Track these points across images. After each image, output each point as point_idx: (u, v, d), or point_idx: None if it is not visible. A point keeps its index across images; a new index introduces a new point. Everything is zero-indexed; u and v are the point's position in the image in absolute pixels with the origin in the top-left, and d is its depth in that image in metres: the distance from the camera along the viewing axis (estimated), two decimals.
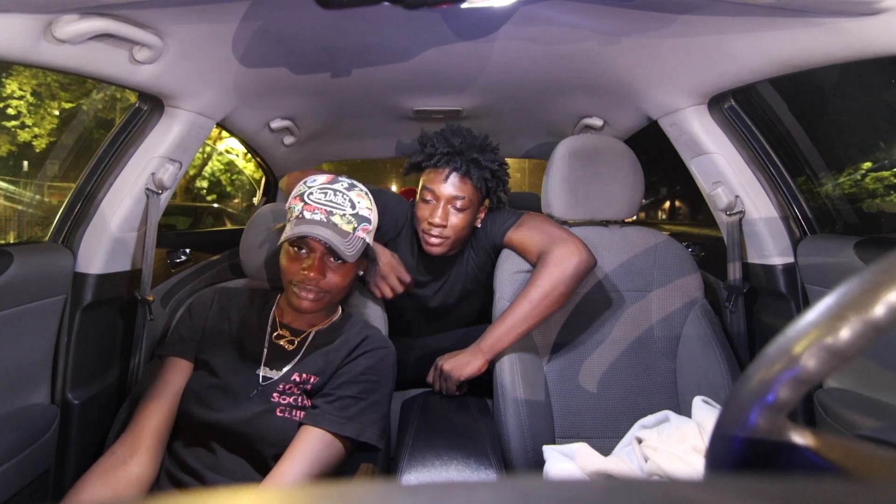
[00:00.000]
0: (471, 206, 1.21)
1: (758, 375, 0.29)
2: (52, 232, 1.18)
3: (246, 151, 2.16)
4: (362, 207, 0.93)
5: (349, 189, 0.93)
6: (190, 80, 1.11)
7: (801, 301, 1.18)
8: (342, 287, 0.93)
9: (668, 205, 4.01)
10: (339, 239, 0.87)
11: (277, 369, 0.93)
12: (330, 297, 0.93)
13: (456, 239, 1.22)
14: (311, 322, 0.99)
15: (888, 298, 0.25)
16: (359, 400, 0.88)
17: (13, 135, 3.73)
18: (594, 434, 1.14)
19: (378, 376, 0.93)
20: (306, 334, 0.98)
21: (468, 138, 1.20)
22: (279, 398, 0.89)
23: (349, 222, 0.90)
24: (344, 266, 0.91)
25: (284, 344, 0.96)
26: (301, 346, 0.96)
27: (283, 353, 0.95)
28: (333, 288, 0.92)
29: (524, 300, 1.14)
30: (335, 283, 0.91)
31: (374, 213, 0.96)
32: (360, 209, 0.92)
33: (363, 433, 0.86)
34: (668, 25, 0.97)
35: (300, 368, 0.93)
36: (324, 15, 0.89)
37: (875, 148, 1.60)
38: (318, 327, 0.99)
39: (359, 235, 0.91)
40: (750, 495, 0.16)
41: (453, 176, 1.18)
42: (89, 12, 0.82)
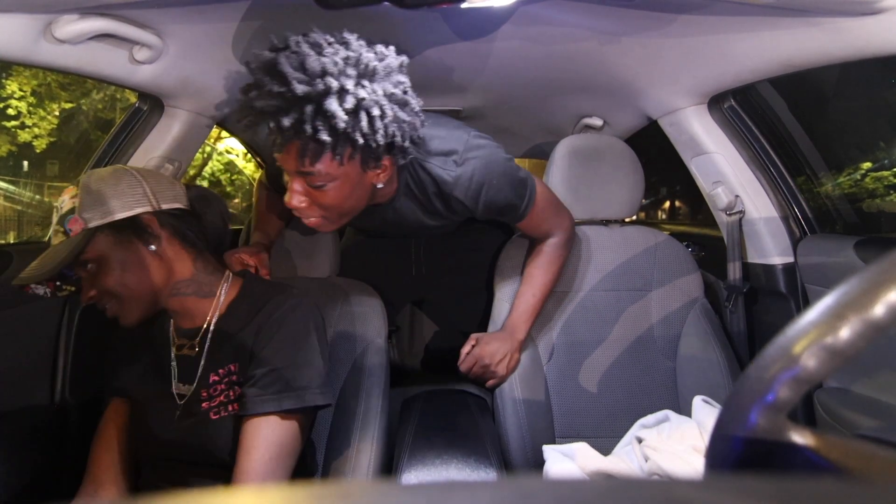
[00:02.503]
0: (338, 179, 0.82)
1: (758, 375, 0.29)
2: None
3: (246, 151, 2.16)
4: (64, 203, 0.77)
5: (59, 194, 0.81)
6: (190, 80, 1.11)
7: (801, 301, 1.18)
8: (116, 285, 0.78)
9: (668, 205, 4.02)
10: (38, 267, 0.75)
11: (190, 381, 0.84)
12: (123, 301, 0.80)
13: (336, 214, 0.89)
14: (201, 314, 0.86)
15: (888, 298, 0.25)
16: (284, 368, 0.79)
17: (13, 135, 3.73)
18: (594, 434, 1.14)
19: (294, 333, 0.82)
20: (203, 329, 0.86)
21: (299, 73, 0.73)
22: (207, 404, 0.82)
23: (56, 234, 0.78)
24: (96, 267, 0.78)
25: (187, 352, 0.86)
26: (203, 344, 0.85)
27: (190, 361, 0.85)
28: (109, 292, 0.79)
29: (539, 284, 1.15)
30: (105, 287, 0.78)
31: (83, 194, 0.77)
32: (62, 208, 0.77)
33: (303, 398, 0.78)
34: (668, 25, 0.97)
35: (214, 366, 0.83)
36: (324, 15, 0.89)
37: (875, 148, 1.60)
38: (213, 315, 0.86)
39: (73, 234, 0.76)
40: (750, 495, 0.16)
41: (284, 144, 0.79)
42: (89, 12, 0.82)
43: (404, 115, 0.81)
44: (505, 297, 1.21)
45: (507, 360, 1.12)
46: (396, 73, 0.82)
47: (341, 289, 1.16)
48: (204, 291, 0.86)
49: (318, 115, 0.73)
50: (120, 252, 0.78)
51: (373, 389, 1.01)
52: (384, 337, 1.11)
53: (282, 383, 0.78)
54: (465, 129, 1.01)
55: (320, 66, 0.73)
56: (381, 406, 1.00)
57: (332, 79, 0.73)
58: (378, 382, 1.03)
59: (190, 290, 0.84)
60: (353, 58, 0.76)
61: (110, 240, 0.78)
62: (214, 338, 0.85)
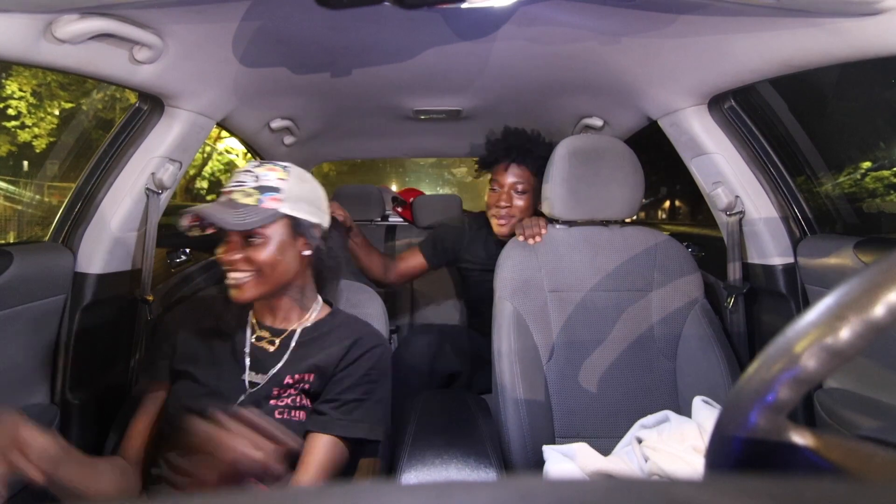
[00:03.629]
0: (530, 190, 1.47)
1: (758, 375, 0.29)
2: (52, 232, 1.18)
3: (246, 151, 2.16)
4: (270, 179, 0.88)
5: (258, 166, 0.90)
6: (190, 80, 1.11)
7: (801, 301, 1.18)
8: (268, 262, 0.87)
9: (668, 205, 4.02)
10: (227, 212, 0.83)
11: (263, 372, 0.91)
12: (260, 277, 0.87)
13: (520, 216, 1.46)
14: (288, 319, 0.96)
15: (888, 298, 0.25)
16: (364, 401, 0.89)
17: (13, 135, 3.73)
18: (594, 434, 1.14)
19: (378, 375, 0.92)
20: (289, 333, 0.95)
21: (521, 135, 1.50)
22: (275, 402, 0.88)
23: (249, 195, 0.86)
24: (263, 241, 0.87)
25: (265, 345, 0.94)
26: (285, 345, 0.94)
27: (267, 355, 0.93)
28: (256, 265, 0.86)
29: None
30: (257, 259, 0.86)
31: (290, 182, 0.89)
32: (266, 181, 0.88)
33: (371, 432, 0.88)
34: (668, 25, 0.97)
35: (291, 369, 0.90)
36: (324, 15, 0.89)
37: (875, 148, 1.60)
38: (300, 324, 0.96)
39: (265, 206, 0.86)
40: (750, 495, 0.16)
41: (512, 166, 1.47)
42: (89, 12, 0.82)
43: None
44: (505, 295, 1.21)
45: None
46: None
47: (342, 289, 1.16)
48: (302, 302, 0.97)
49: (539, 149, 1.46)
50: (286, 240, 0.89)
51: None
52: (385, 337, 1.11)
53: (358, 413, 0.88)
54: None
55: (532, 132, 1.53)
56: None
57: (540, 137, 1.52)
58: None
59: (296, 295, 0.95)
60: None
61: (287, 228, 0.89)
62: (299, 343, 0.93)
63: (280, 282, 0.90)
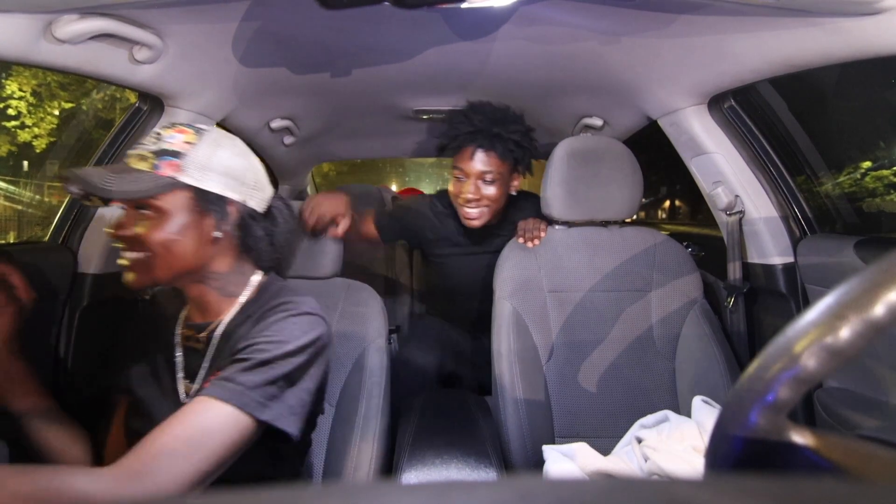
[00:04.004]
0: (500, 178, 1.31)
1: (758, 375, 0.29)
2: (52, 232, 1.18)
3: None
4: (174, 141, 0.72)
5: (168, 127, 0.75)
6: (190, 80, 1.11)
7: (801, 301, 1.18)
8: (160, 242, 0.71)
9: (668, 204, 4.02)
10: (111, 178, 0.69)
11: (192, 378, 0.79)
12: (154, 260, 0.72)
13: (492, 209, 1.34)
14: (216, 311, 0.81)
15: (888, 298, 0.25)
16: (240, 361, 0.69)
17: (13, 135, 3.73)
18: (594, 434, 1.14)
19: (274, 336, 0.71)
20: (214, 325, 0.80)
21: (489, 114, 1.28)
22: None
23: (144, 158, 0.71)
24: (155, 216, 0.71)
25: (194, 345, 0.81)
26: (209, 341, 0.79)
27: (196, 357, 0.80)
28: (146, 245, 0.71)
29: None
30: (146, 237, 0.71)
31: (199, 147, 0.73)
32: (167, 143, 0.72)
33: (239, 396, 0.66)
34: (668, 25, 0.97)
35: (216, 368, 0.75)
36: (324, 15, 0.89)
37: (875, 147, 1.60)
38: (226, 315, 0.81)
39: (160, 173, 0.70)
40: (750, 495, 0.16)
41: (479, 152, 1.28)
42: (89, 12, 0.82)
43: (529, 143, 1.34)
44: (504, 295, 1.21)
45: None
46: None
47: (343, 289, 1.16)
48: (228, 290, 0.81)
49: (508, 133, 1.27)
50: (187, 217, 0.73)
51: (374, 389, 1.01)
52: (384, 337, 1.11)
53: (232, 371, 0.68)
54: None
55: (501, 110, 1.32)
56: (382, 406, 1.00)
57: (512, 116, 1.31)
58: (379, 382, 1.03)
59: (216, 285, 0.80)
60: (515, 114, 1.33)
61: (189, 202, 0.73)
62: (225, 336, 0.79)
63: (181, 267, 0.74)
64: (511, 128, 1.28)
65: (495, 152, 1.27)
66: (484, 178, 1.30)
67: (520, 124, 1.30)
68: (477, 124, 1.27)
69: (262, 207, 0.81)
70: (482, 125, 1.26)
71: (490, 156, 1.28)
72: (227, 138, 0.78)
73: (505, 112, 1.30)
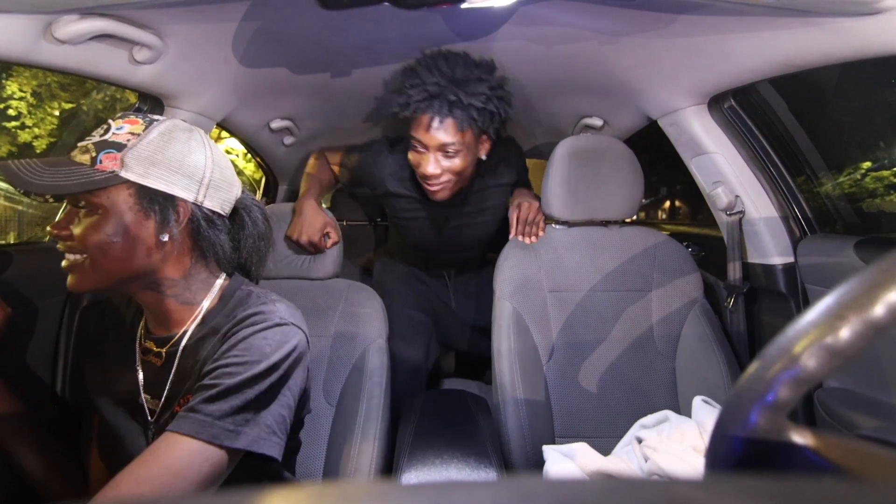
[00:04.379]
0: (465, 148, 1.14)
1: (758, 375, 0.29)
2: None
3: (246, 151, 2.16)
4: (119, 134, 0.65)
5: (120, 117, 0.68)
6: (190, 80, 1.11)
7: (801, 301, 1.18)
8: (96, 244, 0.64)
9: (668, 205, 4.02)
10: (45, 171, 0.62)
11: (157, 397, 0.72)
12: (89, 262, 0.65)
13: (457, 180, 1.20)
14: (176, 322, 0.73)
15: (888, 298, 0.25)
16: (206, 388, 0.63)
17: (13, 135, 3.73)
18: (594, 434, 1.14)
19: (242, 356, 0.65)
20: (175, 338, 0.72)
21: (446, 72, 1.06)
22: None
23: (85, 151, 0.65)
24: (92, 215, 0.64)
25: (153, 360, 0.74)
26: (172, 357, 0.72)
27: (157, 372, 0.73)
28: (83, 245, 0.65)
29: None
30: (81, 237, 0.64)
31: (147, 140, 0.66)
32: (112, 135, 0.65)
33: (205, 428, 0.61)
34: (668, 25, 0.97)
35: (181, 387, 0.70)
36: (324, 15, 0.89)
37: (875, 148, 1.60)
38: (188, 327, 0.73)
39: (101, 167, 0.64)
40: (750, 495, 0.16)
41: (436, 121, 1.09)
42: (89, 12, 0.82)
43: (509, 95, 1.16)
44: (505, 295, 1.21)
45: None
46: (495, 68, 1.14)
47: (343, 289, 1.16)
48: (186, 297, 0.73)
49: (470, 96, 1.07)
50: (129, 217, 0.65)
51: (374, 390, 1.02)
52: (385, 337, 1.11)
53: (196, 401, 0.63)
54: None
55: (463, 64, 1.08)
56: (382, 406, 1.01)
57: (472, 70, 1.08)
58: (379, 383, 1.03)
59: (171, 292, 0.72)
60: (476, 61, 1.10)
61: (130, 200, 0.65)
62: (187, 350, 0.71)
63: (122, 272, 0.67)
64: (473, 89, 1.07)
65: (455, 121, 1.08)
66: (445, 151, 1.12)
67: (485, 81, 1.09)
68: (431, 88, 1.06)
69: (223, 208, 0.73)
70: (437, 89, 1.06)
71: (450, 125, 1.09)
72: (184, 130, 0.69)
73: (468, 67, 1.08)
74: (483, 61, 1.10)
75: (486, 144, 1.21)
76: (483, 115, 1.10)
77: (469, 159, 1.17)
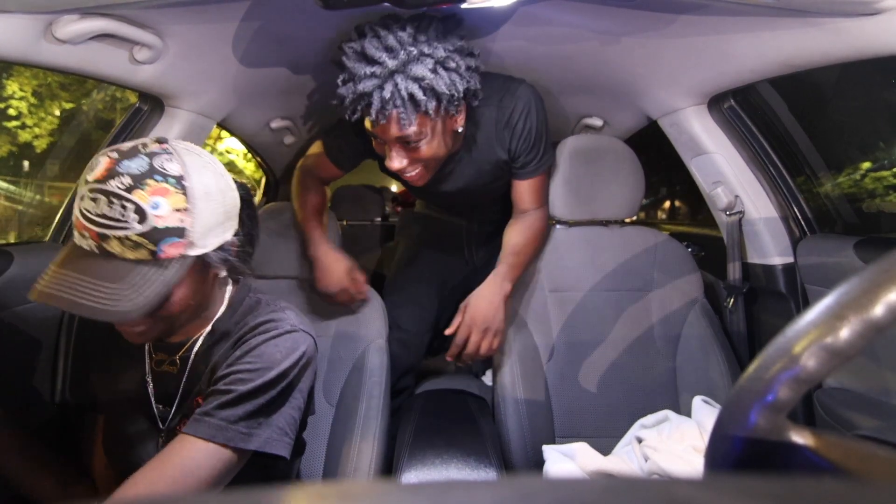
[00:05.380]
0: (427, 134, 0.96)
1: (758, 375, 0.29)
2: (52, 232, 1.18)
3: (246, 151, 2.16)
4: (163, 214, 0.57)
5: (139, 180, 0.56)
6: (190, 80, 1.11)
7: (801, 301, 1.18)
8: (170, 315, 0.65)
9: (668, 205, 4.02)
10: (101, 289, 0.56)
11: (169, 403, 0.74)
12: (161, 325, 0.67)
13: (432, 166, 1.05)
14: (188, 331, 0.74)
15: (888, 298, 0.25)
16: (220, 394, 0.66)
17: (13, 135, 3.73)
18: (594, 434, 1.14)
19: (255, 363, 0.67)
20: (186, 346, 0.74)
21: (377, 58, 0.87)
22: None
23: (136, 246, 0.57)
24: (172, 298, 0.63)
25: (168, 368, 0.74)
26: (185, 363, 0.73)
27: (170, 378, 0.74)
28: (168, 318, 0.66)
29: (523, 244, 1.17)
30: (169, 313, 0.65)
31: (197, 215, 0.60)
32: (158, 218, 0.57)
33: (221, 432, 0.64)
34: (668, 25, 0.97)
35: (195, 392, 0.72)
36: (324, 15, 0.89)
37: (875, 148, 1.60)
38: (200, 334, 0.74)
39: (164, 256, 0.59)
40: (750, 495, 0.16)
41: (382, 116, 0.90)
42: (89, 12, 0.82)
43: (472, 62, 0.96)
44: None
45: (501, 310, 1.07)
46: (453, 30, 0.94)
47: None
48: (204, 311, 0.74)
49: (410, 81, 0.88)
50: (196, 281, 0.65)
51: (374, 390, 1.02)
52: (384, 337, 1.11)
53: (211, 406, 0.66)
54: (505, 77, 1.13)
55: (398, 41, 0.88)
56: (383, 406, 1.01)
57: (412, 48, 0.88)
58: (379, 382, 1.03)
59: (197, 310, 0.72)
60: (418, 27, 0.90)
61: (196, 267, 0.64)
62: (199, 355, 0.73)
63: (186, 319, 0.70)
64: (414, 72, 0.87)
65: (401, 114, 0.90)
66: (405, 143, 0.97)
67: (427, 57, 0.88)
68: (362, 84, 0.88)
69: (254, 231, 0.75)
70: (370, 84, 0.88)
71: (397, 119, 0.91)
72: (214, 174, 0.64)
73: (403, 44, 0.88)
74: (427, 24, 0.90)
75: (458, 117, 1.01)
76: (431, 98, 0.90)
77: (437, 142, 0.99)
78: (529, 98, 1.10)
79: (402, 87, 0.88)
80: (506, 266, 1.12)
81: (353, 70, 0.90)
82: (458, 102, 0.96)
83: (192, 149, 0.65)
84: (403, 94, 0.88)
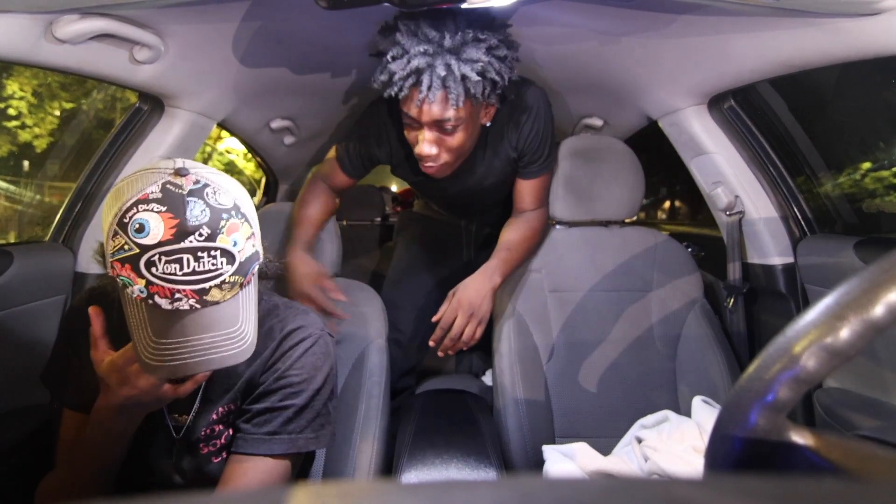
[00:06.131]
0: (462, 121, 0.98)
1: (758, 375, 0.29)
2: (53, 232, 1.18)
3: (246, 151, 2.16)
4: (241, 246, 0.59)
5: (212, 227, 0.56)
6: (190, 80, 1.11)
7: (801, 301, 1.18)
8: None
9: (668, 205, 4.02)
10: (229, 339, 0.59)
11: (185, 412, 0.74)
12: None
13: (457, 158, 1.06)
14: None
15: (888, 298, 0.25)
16: (280, 410, 0.71)
17: (13, 135, 3.73)
18: (594, 434, 1.14)
19: (301, 374, 0.73)
20: None
21: (434, 38, 0.90)
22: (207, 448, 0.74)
23: (232, 286, 0.59)
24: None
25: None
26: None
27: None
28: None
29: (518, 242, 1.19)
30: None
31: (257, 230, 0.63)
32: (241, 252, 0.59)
33: (294, 444, 0.71)
34: (668, 25, 0.97)
35: (214, 402, 0.74)
36: (324, 15, 0.89)
37: (875, 148, 1.60)
38: None
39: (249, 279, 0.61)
40: (750, 495, 0.16)
41: (427, 96, 0.92)
42: (89, 12, 0.82)
43: (514, 54, 0.99)
44: (505, 295, 1.21)
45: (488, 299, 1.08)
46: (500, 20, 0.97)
47: (342, 289, 1.16)
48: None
49: (463, 63, 0.90)
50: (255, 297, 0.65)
51: (373, 389, 1.01)
52: (384, 337, 1.11)
53: (273, 424, 0.71)
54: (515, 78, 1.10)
55: (454, 23, 0.91)
56: (382, 406, 1.01)
57: (468, 30, 0.90)
58: (378, 382, 1.03)
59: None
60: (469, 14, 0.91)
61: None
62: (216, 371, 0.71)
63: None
64: (468, 55, 0.90)
65: (451, 93, 0.92)
66: (442, 127, 0.98)
67: (482, 42, 0.92)
68: (417, 61, 0.90)
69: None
70: (425, 61, 0.90)
71: (444, 98, 0.93)
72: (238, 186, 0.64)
73: (459, 28, 0.91)
74: (479, 15, 0.92)
75: (489, 110, 1.06)
76: (481, 85, 0.93)
77: (470, 132, 1.02)
78: (539, 100, 1.12)
79: (456, 67, 0.90)
80: (498, 259, 1.14)
81: (405, 46, 0.91)
82: (500, 91, 1.00)
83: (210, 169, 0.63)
84: (457, 74, 0.90)
